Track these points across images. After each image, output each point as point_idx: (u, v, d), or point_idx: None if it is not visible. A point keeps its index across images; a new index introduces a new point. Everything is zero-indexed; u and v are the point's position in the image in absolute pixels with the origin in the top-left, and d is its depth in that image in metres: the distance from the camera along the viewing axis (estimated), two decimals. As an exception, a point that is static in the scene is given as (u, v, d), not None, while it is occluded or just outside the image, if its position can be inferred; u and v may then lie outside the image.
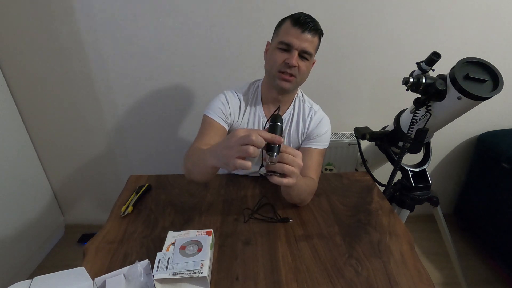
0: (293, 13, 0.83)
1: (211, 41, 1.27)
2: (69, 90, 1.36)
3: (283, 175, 0.60)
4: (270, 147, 0.56)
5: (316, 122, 0.92)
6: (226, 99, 0.90)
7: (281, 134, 0.58)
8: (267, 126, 0.61)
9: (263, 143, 0.54)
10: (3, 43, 1.24)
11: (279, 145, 0.57)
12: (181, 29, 1.24)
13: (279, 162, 0.58)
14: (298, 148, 0.93)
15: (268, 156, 0.57)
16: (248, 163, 0.55)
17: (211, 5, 1.20)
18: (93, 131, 1.47)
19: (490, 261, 1.53)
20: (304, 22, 0.79)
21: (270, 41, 0.90)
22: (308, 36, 0.80)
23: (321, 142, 0.91)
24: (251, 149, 0.53)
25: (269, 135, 0.56)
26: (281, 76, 0.82)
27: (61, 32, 1.23)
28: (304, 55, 0.82)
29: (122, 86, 1.36)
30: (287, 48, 0.80)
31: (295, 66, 0.81)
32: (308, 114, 0.93)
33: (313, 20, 0.81)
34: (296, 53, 0.80)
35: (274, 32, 0.87)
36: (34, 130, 1.45)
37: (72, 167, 1.56)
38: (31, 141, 1.46)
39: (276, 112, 0.63)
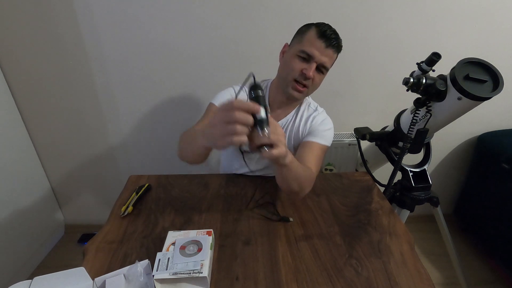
0: (319, 22, 0.82)
1: (213, 41, 1.27)
2: (70, 90, 1.36)
3: (270, 148, 0.55)
4: (259, 121, 0.51)
5: (319, 120, 0.93)
6: (235, 93, 0.90)
7: (264, 104, 0.53)
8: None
9: (249, 119, 0.50)
10: (4, 43, 1.24)
11: (267, 116, 0.52)
12: (182, 29, 1.24)
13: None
14: (298, 145, 0.92)
15: (260, 131, 0.51)
16: (239, 139, 0.50)
17: (214, 5, 1.20)
18: (93, 131, 1.47)
19: (490, 261, 1.53)
20: (329, 38, 0.79)
21: (288, 44, 0.89)
22: (330, 51, 0.80)
23: (323, 137, 0.90)
24: (238, 128, 0.49)
25: (247, 106, 0.50)
26: (295, 86, 0.83)
27: (61, 32, 1.23)
28: (322, 68, 0.82)
29: (122, 85, 1.36)
30: (307, 58, 0.80)
31: (311, 78, 0.81)
32: (312, 115, 0.94)
33: (337, 37, 0.81)
34: (314, 65, 0.80)
35: (296, 37, 0.85)
36: (35, 130, 1.45)
37: (72, 167, 1.56)
38: (31, 141, 1.46)
39: (253, 82, 0.55)
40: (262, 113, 0.51)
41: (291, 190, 0.78)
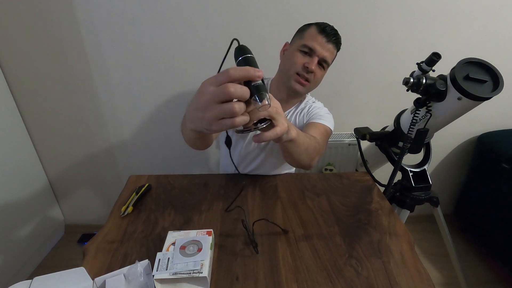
0: (319, 21, 0.86)
1: (213, 42, 1.27)
2: (69, 90, 1.36)
3: (268, 126, 0.47)
4: (256, 88, 0.40)
5: (317, 107, 0.97)
6: None
7: (257, 67, 0.42)
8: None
9: (246, 92, 0.40)
10: (4, 43, 1.24)
11: (264, 83, 0.42)
12: (182, 30, 1.24)
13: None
14: None
15: (259, 100, 0.40)
16: (235, 121, 0.41)
17: (213, 6, 1.20)
18: (93, 131, 1.47)
19: (490, 261, 1.53)
20: (329, 33, 0.82)
21: (289, 42, 0.91)
22: (330, 46, 0.83)
23: (325, 120, 0.91)
24: (236, 106, 0.39)
25: (244, 71, 0.40)
26: (298, 79, 0.84)
27: (61, 32, 1.23)
28: (323, 63, 0.85)
29: (122, 85, 1.36)
30: (309, 52, 0.83)
31: (313, 72, 0.82)
32: (309, 105, 0.97)
33: (337, 33, 0.85)
34: (316, 59, 0.82)
35: (296, 35, 0.89)
36: (35, 131, 1.45)
37: (72, 167, 1.56)
38: (31, 141, 1.46)
39: (238, 45, 0.47)
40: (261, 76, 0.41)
41: (300, 165, 0.75)
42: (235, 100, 0.40)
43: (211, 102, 0.40)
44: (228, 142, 0.58)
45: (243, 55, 0.44)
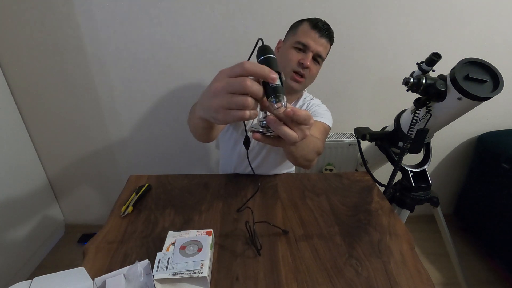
0: (310, 17, 0.87)
1: (213, 42, 1.27)
2: (69, 90, 1.36)
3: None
4: (273, 89, 0.39)
5: (315, 104, 0.97)
6: None
7: (277, 70, 0.41)
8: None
9: (261, 91, 0.39)
10: (4, 43, 1.24)
11: (283, 83, 0.41)
12: (182, 29, 1.24)
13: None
14: None
15: (273, 103, 0.39)
16: (245, 113, 0.39)
17: (210, 7, 1.20)
18: (93, 131, 1.47)
19: (490, 261, 1.53)
20: (322, 28, 0.83)
21: (282, 40, 0.92)
22: (324, 41, 0.84)
23: (323, 117, 0.92)
24: (249, 100, 0.38)
25: (259, 68, 0.38)
26: (293, 76, 0.85)
27: (61, 32, 1.23)
28: (318, 58, 0.86)
29: (122, 85, 1.36)
30: (303, 48, 0.84)
31: (308, 68, 0.83)
32: (307, 103, 0.98)
33: (329, 28, 0.86)
34: (311, 55, 0.83)
35: (290, 32, 0.90)
36: (35, 131, 1.45)
37: (72, 167, 1.56)
38: (31, 141, 1.46)
39: (262, 45, 0.45)
40: (277, 79, 0.40)
41: (301, 164, 0.75)
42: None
43: (223, 90, 0.39)
44: (247, 142, 0.56)
45: (265, 55, 0.43)
